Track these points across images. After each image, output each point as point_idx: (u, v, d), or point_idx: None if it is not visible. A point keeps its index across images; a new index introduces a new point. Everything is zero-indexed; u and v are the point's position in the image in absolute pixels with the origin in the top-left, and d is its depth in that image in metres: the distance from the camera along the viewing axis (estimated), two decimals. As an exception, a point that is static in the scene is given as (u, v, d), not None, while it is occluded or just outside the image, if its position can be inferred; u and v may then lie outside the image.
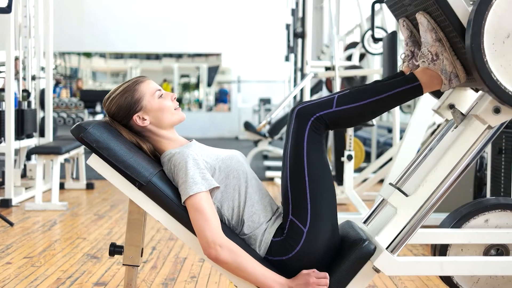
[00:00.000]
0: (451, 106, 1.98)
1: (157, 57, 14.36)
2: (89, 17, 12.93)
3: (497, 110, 1.74)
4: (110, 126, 1.87)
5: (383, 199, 2.04)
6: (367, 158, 6.76)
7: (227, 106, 13.82)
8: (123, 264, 1.92)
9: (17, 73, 4.85)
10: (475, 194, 3.65)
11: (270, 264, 1.79)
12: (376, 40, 3.93)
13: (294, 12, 6.11)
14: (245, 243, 1.82)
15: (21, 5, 4.99)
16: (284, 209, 1.80)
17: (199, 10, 12.96)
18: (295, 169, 1.77)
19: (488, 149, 3.36)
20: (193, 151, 1.81)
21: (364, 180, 4.91)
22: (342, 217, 2.88)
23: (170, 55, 14.22)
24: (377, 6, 5.57)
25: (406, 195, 1.85)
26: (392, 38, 3.19)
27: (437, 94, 2.11)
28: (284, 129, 6.79)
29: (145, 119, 1.87)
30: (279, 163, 6.95)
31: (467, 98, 2.01)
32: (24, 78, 5.09)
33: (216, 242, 1.70)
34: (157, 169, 1.82)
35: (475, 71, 1.66)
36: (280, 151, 6.78)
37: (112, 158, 1.76)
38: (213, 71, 14.13)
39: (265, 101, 11.45)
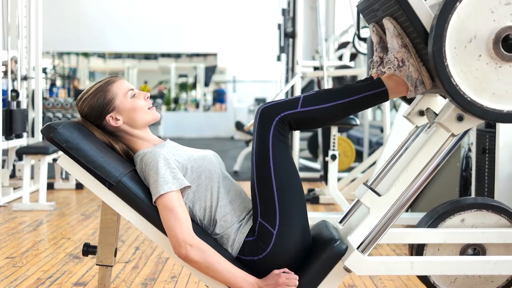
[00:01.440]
0: (421, 113, 1.97)
1: (155, 57, 14.37)
2: (85, 17, 12.93)
3: (460, 118, 1.72)
4: (82, 126, 1.86)
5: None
6: (360, 157, 6.77)
7: (225, 106, 13.82)
8: (96, 264, 1.92)
9: (5, 72, 4.85)
10: (461, 193, 3.65)
11: (242, 264, 1.79)
12: (361, 39, 3.93)
13: (284, 12, 6.12)
14: (217, 243, 1.82)
15: (12, 5, 4.98)
16: (253, 211, 1.80)
17: (194, 10, 12.95)
18: (262, 171, 1.76)
19: (473, 148, 3.36)
20: (165, 150, 1.81)
21: (353, 180, 4.91)
22: (328, 217, 2.89)
23: (168, 55, 14.23)
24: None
25: (379, 194, 1.84)
26: (375, 38, 3.18)
27: (409, 100, 2.10)
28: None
29: (118, 119, 1.87)
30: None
31: (437, 104, 1.99)
32: (15, 79, 5.09)
33: (187, 241, 1.69)
34: (128, 169, 1.82)
35: (436, 76, 1.63)
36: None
37: (82, 158, 1.76)
38: (210, 71, 14.13)
39: (261, 101, 11.45)
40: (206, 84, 14.37)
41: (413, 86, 1.76)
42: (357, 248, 1.79)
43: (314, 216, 3.24)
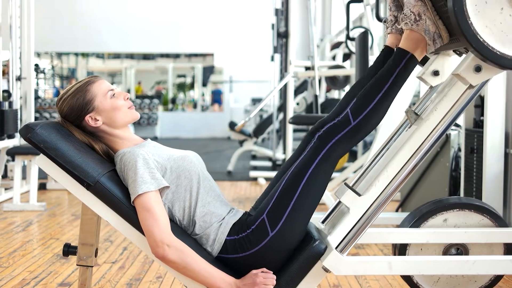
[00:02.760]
0: (435, 72, 1.96)
1: (153, 57, 14.37)
2: (82, 17, 12.92)
3: (478, 69, 1.72)
4: (62, 127, 1.86)
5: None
6: (355, 157, 6.76)
7: (222, 106, 13.82)
8: (77, 265, 1.92)
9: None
10: (450, 193, 3.65)
11: (223, 263, 1.79)
12: (351, 39, 3.92)
13: (277, 11, 6.12)
14: (197, 243, 1.81)
15: (3, 5, 4.98)
16: (262, 206, 1.80)
17: (191, 11, 12.95)
18: (294, 178, 1.77)
19: (463, 148, 3.35)
20: (145, 150, 1.81)
21: (345, 180, 4.90)
22: (314, 217, 2.88)
23: (166, 56, 14.23)
24: (362, 8, 5.58)
25: (359, 194, 1.84)
26: (363, 37, 3.19)
27: (422, 61, 2.10)
28: (269, 129, 6.79)
29: (98, 120, 1.87)
30: (265, 163, 6.95)
31: (450, 64, 1.99)
32: (8, 80, 5.08)
33: (164, 242, 1.69)
34: (107, 169, 1.82)
35: (461, 35, 1.62)
36: (264, 151, 6.79)
37: (60, 159, 1.76)
38: (208, 71, 14.12)
39: (257, 101, 11.44)
40: (204, 84, 14.37)
41: (431, 40, 1.76)
42: (336, 248, 1.79)
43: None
